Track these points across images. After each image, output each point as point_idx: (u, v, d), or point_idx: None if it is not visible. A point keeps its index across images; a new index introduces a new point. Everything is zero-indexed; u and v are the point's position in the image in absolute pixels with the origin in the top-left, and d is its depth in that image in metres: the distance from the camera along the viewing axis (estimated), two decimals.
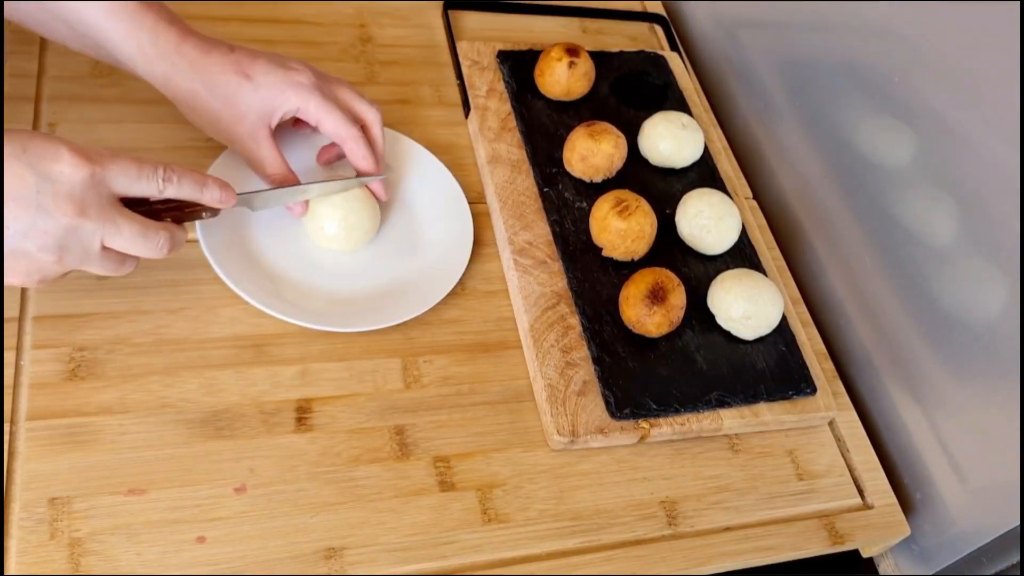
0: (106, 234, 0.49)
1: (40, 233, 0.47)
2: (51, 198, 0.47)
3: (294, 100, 0.60)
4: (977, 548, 0.61)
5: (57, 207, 0.47)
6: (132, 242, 0.50)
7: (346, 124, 0.62)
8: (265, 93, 0.60)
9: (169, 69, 0.58)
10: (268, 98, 0.60)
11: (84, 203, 0.48)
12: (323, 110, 0.61)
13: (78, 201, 0.48)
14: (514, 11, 0.90)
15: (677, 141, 0.75)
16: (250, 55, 0.60)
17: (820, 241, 0.77)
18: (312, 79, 0.61)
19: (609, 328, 0.64)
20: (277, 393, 0.58)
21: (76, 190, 0.47)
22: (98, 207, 0.49)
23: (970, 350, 0.62)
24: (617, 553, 0.57)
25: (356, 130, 0.63)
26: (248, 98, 0.59)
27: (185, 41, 0.58)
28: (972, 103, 0.60)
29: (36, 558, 0.49)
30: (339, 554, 0.53)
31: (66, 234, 0.48)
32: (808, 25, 0.78)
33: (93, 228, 0.48)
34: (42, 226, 0.47)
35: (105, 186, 0.49)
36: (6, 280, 0.48)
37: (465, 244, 0.68)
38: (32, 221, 0.46)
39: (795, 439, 0.66)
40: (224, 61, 0.59)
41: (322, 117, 0.61)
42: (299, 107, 0.61)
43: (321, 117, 0.61)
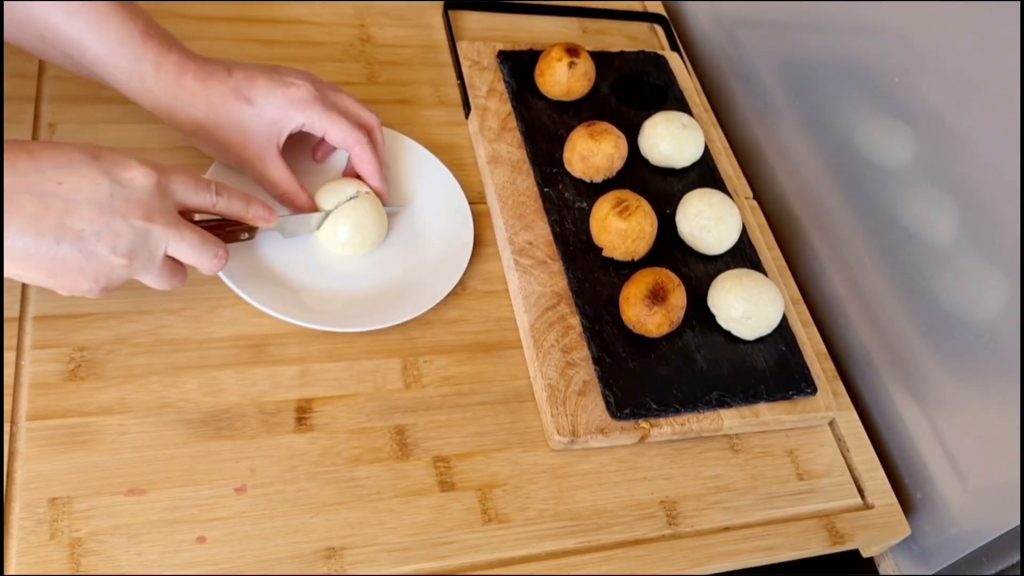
0: (171, 240, 0.51)
1: (113, 235, 0.48)
2: (123, 202, 0.48)
3: (298, 118, 0.61)
4: (977, 548, 0.61)
5: (129, 211, 0.49)
6: (193, 250, 0.52)
7: (351, 131, 0.63)
8: (269, 116, 0.60)
9: (172, 102, 0.59)
10: (272, 121, 0.60)
11: (152, 209, 0.50)
12: (327, 121, 0.62)
13: (147, 206, 0.49)
14: (514, 11, 0.90)
15: (677, 141, 0.74)
16: (248, 77, 0.60)
17: (820, 241, 0.77)
18: (312, 92, 0.62)
19: (609, 328, 0.64)
20: (277, 393, 0.58)
21: (145, 196, 0.49)
22: (165, 214, 0.51)
23: (970, 350, 0.62)
24: (617, 553, 0.57)
25: (361, 135, 0.63)
26: (252, 123, 0.60)
27: (185, 71, 0.58)
28: (972, 103, 0.60)
29: (36, 558, 0.49)
30: (339, 554, 0.53)
31: (136, 237, 0.49)
32: (808, 25, 0.78)
33: (161, 233, 0.50)
34: (115, 228, 0.48)
35: (169, 195, 0.51)
36: (76, 286, 0.49)
37: (465, 244, 0.68)
38: (106, 223, 0.48)
39: (795, 439, 0.66)
40: (223, 89, 0.59)
41: (327, 128, 0.62)
42: (303, 123, 0.62)
43: (327, 128, 0.62)
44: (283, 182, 0.63)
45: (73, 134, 0.66)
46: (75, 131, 0.67)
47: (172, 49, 0.58)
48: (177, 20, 0.77)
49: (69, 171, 0.47)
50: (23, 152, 0.47)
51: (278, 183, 0.63)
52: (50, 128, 0.66)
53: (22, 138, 0.65)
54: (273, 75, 0.61)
